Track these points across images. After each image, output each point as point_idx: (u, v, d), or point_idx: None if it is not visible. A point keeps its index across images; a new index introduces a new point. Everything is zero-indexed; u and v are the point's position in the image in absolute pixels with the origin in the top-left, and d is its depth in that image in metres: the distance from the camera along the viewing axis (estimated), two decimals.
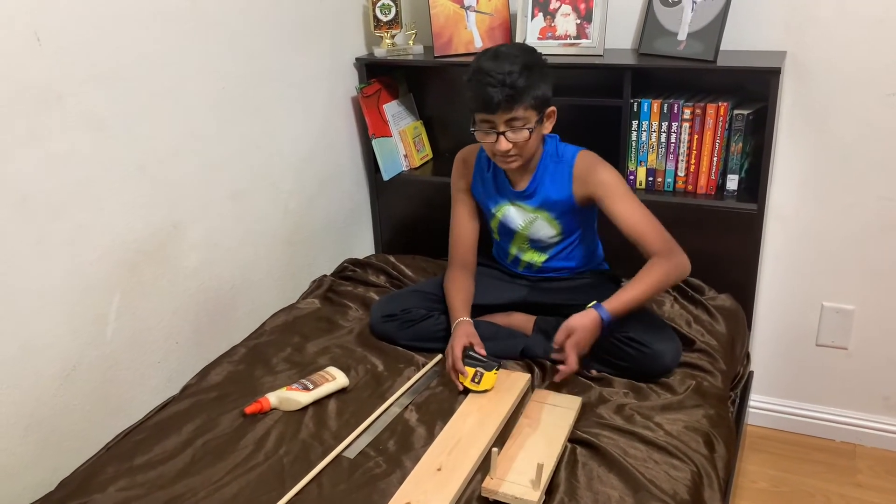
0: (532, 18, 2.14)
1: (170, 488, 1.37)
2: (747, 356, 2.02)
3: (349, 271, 2.19)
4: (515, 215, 1.85)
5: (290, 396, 1.59)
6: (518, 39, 2.15)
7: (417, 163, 2.38)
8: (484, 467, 1.39)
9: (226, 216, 1.85)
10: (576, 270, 1.91)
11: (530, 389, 1.65)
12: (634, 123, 2.03)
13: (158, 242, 1.66)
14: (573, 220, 1.82)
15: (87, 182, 1.49)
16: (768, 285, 2.22)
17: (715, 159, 1.99)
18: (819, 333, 2.22)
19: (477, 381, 1.62)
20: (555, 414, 1.53)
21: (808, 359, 2.26)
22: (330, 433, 1.52)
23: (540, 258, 1.89)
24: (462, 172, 1.91)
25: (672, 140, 2.01)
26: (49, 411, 1.46)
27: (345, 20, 2.25)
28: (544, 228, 1.83)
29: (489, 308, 1.88)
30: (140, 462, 1.43)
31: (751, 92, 2.01)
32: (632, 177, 2.07)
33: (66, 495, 1.37)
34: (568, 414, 1.53)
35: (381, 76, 2.31)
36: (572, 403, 1.57)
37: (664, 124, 2.00)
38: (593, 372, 1.70)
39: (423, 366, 1.74)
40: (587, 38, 2.09)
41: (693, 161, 2.01)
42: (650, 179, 2.07)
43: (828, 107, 2.01)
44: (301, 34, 2.05)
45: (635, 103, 2.01)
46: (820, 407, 2.29)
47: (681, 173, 2.04)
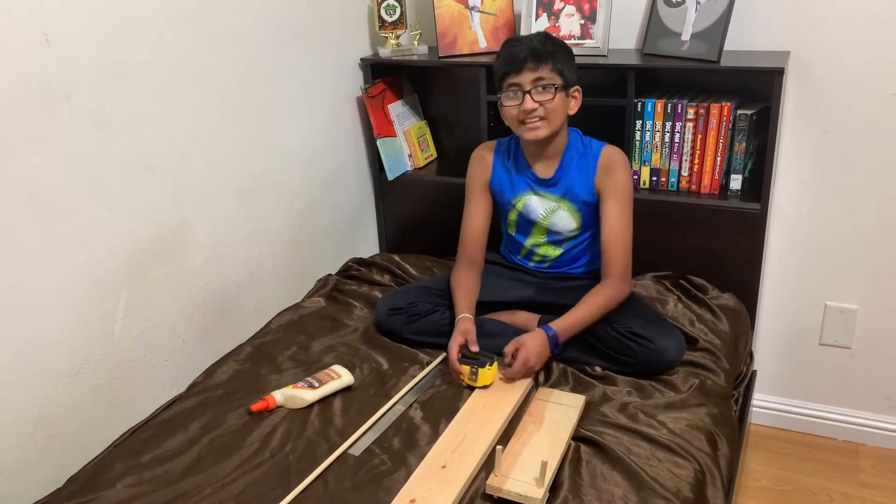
0: (536, 19, 2.15)
1: (177, 485, 1.38)
2: (750, 355, 2.02)
3: (354, 270, 2.20)
4: (537, 205, 1.86)
5: (296, 394, 1.60)
6: None
7: (422, 162, 2.39)
8: (488, 465, 1.40)
9: (231, 215, 1.86)
10: (585, 268, 1.92)
11: (534, 388, 1.66)
12: (638, 123, 2.03)
13: (165, 241, 1.68)
14: (592, 215, 1.84)
15: (95, 181, 1.50)
16: (771, 285, 2.23)
17: (718, 159, 1.99)
18: (822, 333, 2.22)
19: (474, 379, 1.63)
20: (559, 412, 1.54)
21: (812, 358, 2.26)
22: (335, 431, 1.53)
23: (555, 252, 1.91)
24: (480, 167, 1.92)
25: (676, 140, 2.02)
26: (57, 408, 1.48)
27: (350, 21, 2.26)
28: (565, 220, 1.86)
29: (495, 306, 1.89)
30: (147, 459, 1.44)
31: (754, 92, 2.02)
32: (636, 176, 2.08)
33: (75, 491, 1.38)
34: (572, 412, 1.54)
35: (386, 76, 2.32)
36: (576, 402, 1.58)
37: (668, 124, 2.01)
38: (597, 370, 1.71)
39: (428, 364, 1.75)
40: (591, 39, 2.10)
41: (697, 161, 2.02)
42: (654, 179, 2.07)
43: (831, 107, 2.02)
44: (306, 35, 2.06)
45: (639, 103, 2.02)
46: (823, 406, 2.30)
47: (684, 173, 2.04)
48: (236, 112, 1.84)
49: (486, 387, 1.63)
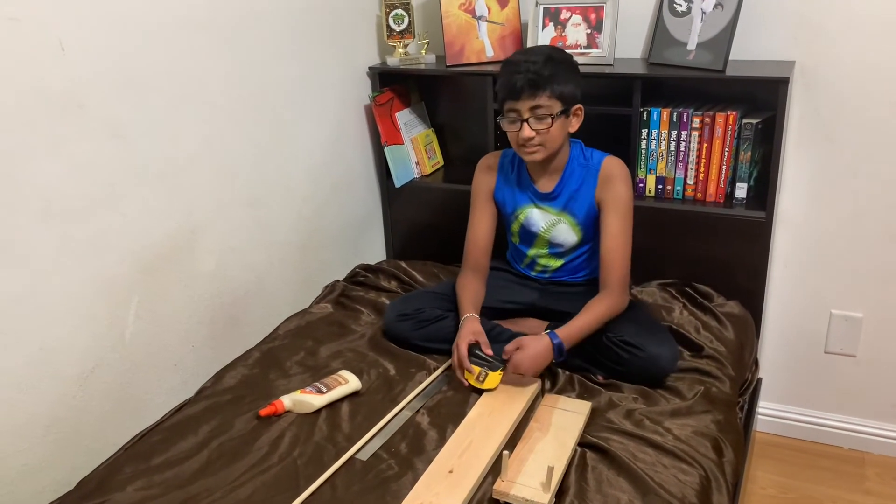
0: (543, 28, 2.17)
1: (186, 488, 1.39)
2: (756, 363, 2.03)
3: (361, 276, 2.21)
4: (538, 218, 1.88)
5: (304, 399, 1.62)
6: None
7: (429, 170, 2.41)
8: (495, 470, 1.41)
9: (241, 222, 1.88)
10: (587, 277, 1.93)
11: (540, 394, 1.67)
12: (644, 132, 2.05)
13: (176, 247, 1.70)
14: (594, 227, 1.85)
15: (108, 188, 1.52)
16: (777, 293, 2.23)
17: (724, 167, 2.01)
18: (827, 341, 2.23)
19: (481, 381, 1.65)
20: (565, 418, 1.55)
21: (817, 366, 2.27)
22: (343, 435, 1.54)
23: (556, 263, 1.92)
24: (485, 176, 1.94)
25: (681, 148, 2.03)
26: (68, 412, 1.49)
27: (358, 30, 2.29)
28: (565, 233, 1.87)
29: (501, 311, 1.91)
30: (157, 462, 1.46)
31: (760, 101, 2.03)
32: (641, 184, 2.09)
33: (86, 494, 1.39)
34: (578, 418, 1.55)
35: (394, 85, 2.35)
36: (582, 408, 1.59)
37: (673, 133, 2.02)
38: (600, 378, 1.72)
39: (435, 370, 1.77)
40: (597, 48, 2.12)
41: (702, 169, 2.03)
42: (660, 187, 2.09)
43: (836, 115, 2.03)
44: (315, 44, 2.09)
45: (645, 112, 2.03)
46: (828, 414, 2.30)
47: (690, 181, 2.05)
48: (246, 120, 1.86)
49: (490, 390, 1.64)
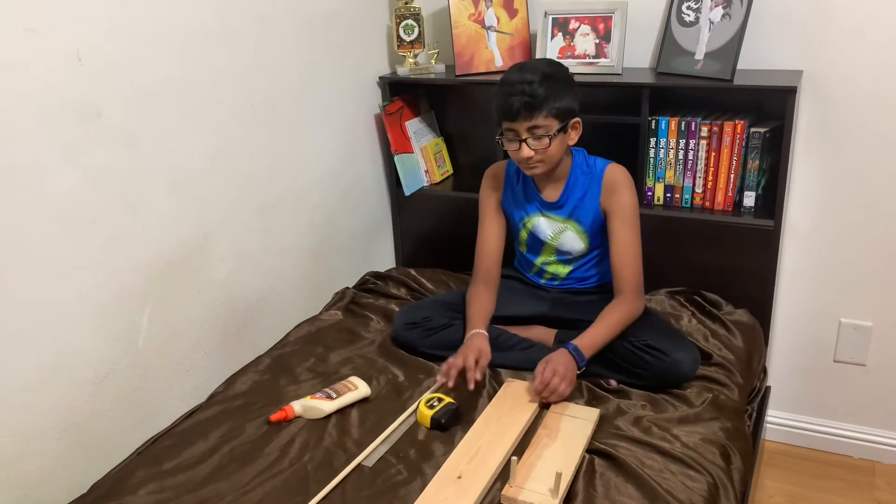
0: (552, 38, 2.19)
1: (197, 492, 1.40)
2: (764, 371, 2.03)
3: (371, 284, 2.23)
4: (545, 226, 1.89)
5: (314, 405, 1.63)
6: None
7: (438, 178, 2.43)
8: (503, 475, 1.42)
9: (253, 229, 1.90)
10: (597, 283, 1.94)
11: None
12: (652, 140, 2.06)
13: (189, 254, 1.72)
14: (600, 233, 1.86)
15: (122, 195, 1.54)
16: (785, 301, 2.23)
17: (732, 176, 2.02)
18: (837, 349, 2.23)
19: (429, 406, 1.60)
20: (573, 424, 1.56)
21: (826, 375, 2.26)
22: (352, 441, 1.55)
23: (564, 270, 1.93)
24: (492, 188, 1.95)
25: (689, 157, 2.04)
26: (82, 416, 1.51)
27: (369, 40, 2.31)
28: (572, 241, 1.88)
29: (511, 320, 1.91)
30: (169, 467, 1.48)
31: (768, 110, 2.04)
32: (650, 193, 2.11)
33: (99, 497, 1.41)
34: (586, 425, 1.56)
35: (404, 94, 2.37)
36: (590, 415, 1.59)
37: (682, 141, 2.03)
38: (612, 383, 1.72)
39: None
40: (606, 58, 2.13)
41: (710, 178, 2.04)
42: (668, 196, 2.10)
43: (844, 124, 2.04)
44: (327, 53, 2.11)
45: (653, 121, 2.04)
46: (838, 423, 2.30)
47: (698, 190, 2.06)
48: (258, 129, 1.89)
49: (415, 421, 1.61)
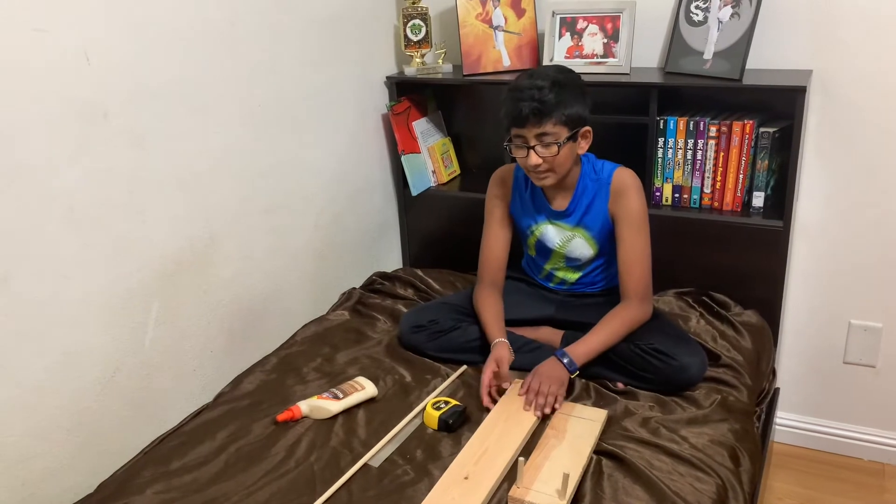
0: (559, 38, 2.18)
1: (204, 492, 1.41)
2: (773, 372, 2.02)
3: (378, 284, 2.23)
4: (553, 234, 1.88)
5: (321, 405, 1.63)
6: (545, 58, 2.19)
7: (445, 178, 2.42)
8: (510, 476, 1.41)
9: (259, 230, 1.90)
10: (606, 287, 1.93)
11: None
12: (661, 140, 2.05)
13: (195, 254, 1.72)
14: (609, 239, 1.84)
15: (129, 195, 1.55)
16: (795, 302, 2.22)
17: (741, 176, 2.00)
18: (846, 351, 2.21)
19: (437, 408, 1.60)
20: (581, 425, 1.55)
21: (836, 376, 2.25)
22: (359, 441, 1.55)
23: (573, 276, 1.93)
24: (499, 191, 1.93)
25: (698, 157, 2.03)
26: (89, 416, 1.51)
27: (376, 40, 2.31)
28: (581, 247, 1.87)
29: (518, 322, 1.90)
30: (176, 466, 1.48)
31: (777, 110, 2.03)
32: (658, 193, 2.09)
33: (106, 497, 1.41)
34: (594, 426, 1.55)
35: (411, 94, 2.37)
36: (598, 416, 1.59)
37: (690, 141, 2.02)
38: (620, 385, 1.71)
39: (447, 377, 1.77)
40: (614, 57, 2.13)
41: (719, 178, 2.03)
42: (676, 196, 2.09)
43: (854, 124, 2.02)
44: (333, 54, 2.11)
45: (661, 121, 2.03)
46: (847, 425, 2.28)
47: (707, 190, 2.05)
48: (265, 129, 1.89)
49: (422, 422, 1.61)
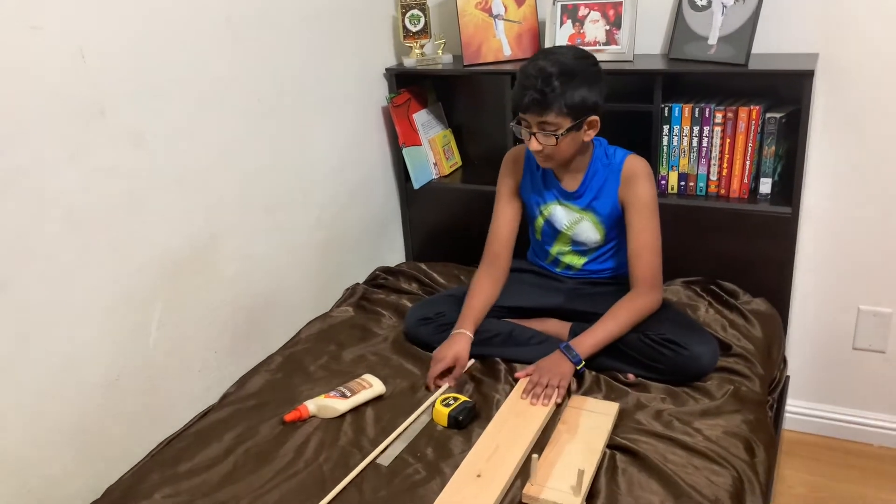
0: (561, 26, 2.15)
1: (213, 495, 1.39)
2: (784, 360, 2.00)
3: (381, 279, 2.20)
4: (562, 215, 1.86)
5: (329, 404, 1.61)
6: (547, 46, 2.16)
7: (447, 171, 2.40)
8: (523, 473, 1.40)
9: (260, 227, 1.88)
10: (613, 274, 1.91)
11: (567, 395, 1.65)
12: (665, 128, 2.02)
13: (196, 253, 1.69)
14: (617, 225, 1.83)
15: (129, 195, 1.52)
16: (803, 289, 2.20)
17: (747, 163, 1.98)
18: (856, 337, 2.19)
19: (445, 404, 1.58)
20: (592, 420, 1.53)
21: (845, 363, 2.23)
22: (368, 440, 1.53)
23: (579, 261, 1.91)
24: (511, 171, 1.92)
25: (704, 144, 2.00)
26: (94, 419, 1.49)
27: (375, 31, 2.27)
28: (588, 231, 1.85)
29: (526, 312, 1.89)
30: (184, 469, 1.46)
31: (783, 95, 2.00)
32: (664, 181, 2.07)
33: (113, 502, 1.40)
34: (606, 420, 1.53)
35: (411, 86, 2.33)
36: (610, 409, 1.57)
37: (696, 128, 2.00)
38: (630, 377, 1.69)
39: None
40: (616, 44, 2.10)
41: (725, 165, 2.00)
42: (682, 184, 2.06)
43: (861, 108, 1.99)
44: (332, 46, 2.08)
45: (666, 108, 2.01)
46: (857, 411, 2.27)
47: (713, 177, 2.03)
48: (264, 125, 1.86)
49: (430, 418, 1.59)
